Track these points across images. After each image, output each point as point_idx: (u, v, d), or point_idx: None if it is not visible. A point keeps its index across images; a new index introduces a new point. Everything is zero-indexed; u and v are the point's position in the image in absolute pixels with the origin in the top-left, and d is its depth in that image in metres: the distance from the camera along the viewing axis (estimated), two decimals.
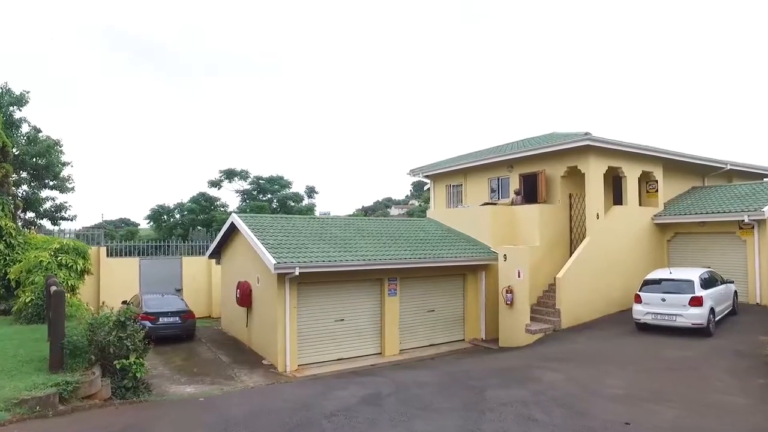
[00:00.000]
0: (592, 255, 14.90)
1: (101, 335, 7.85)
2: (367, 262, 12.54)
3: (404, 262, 13.33)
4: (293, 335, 12.00)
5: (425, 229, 16.95)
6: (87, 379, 7.45)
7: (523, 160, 17.06)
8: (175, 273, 20.02)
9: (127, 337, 7.88)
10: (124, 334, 7.91)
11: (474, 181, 19.61)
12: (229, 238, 16.29)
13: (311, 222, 15.42)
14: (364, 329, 13.40)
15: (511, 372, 10.07)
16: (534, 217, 15.58)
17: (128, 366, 7.86)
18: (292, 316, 11.97)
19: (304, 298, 12.39)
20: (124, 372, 7.95)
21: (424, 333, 14.53)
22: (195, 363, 12.27)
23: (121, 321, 8.03)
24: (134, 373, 7.90)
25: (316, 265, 11.77)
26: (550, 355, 11.53)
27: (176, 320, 14.73)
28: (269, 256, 11.45)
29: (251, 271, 13.88)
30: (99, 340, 7.81)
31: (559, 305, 14.13)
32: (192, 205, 28.37)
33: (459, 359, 12.88)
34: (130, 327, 8.08)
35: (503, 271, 14.27)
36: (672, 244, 17.39)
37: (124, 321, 8.03)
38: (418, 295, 14.48)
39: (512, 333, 13.86)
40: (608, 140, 14.92)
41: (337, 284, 12.95)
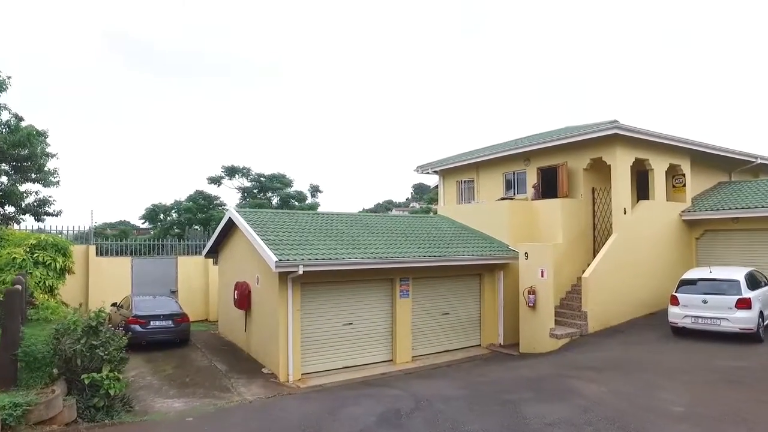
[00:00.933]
0: (619, 253, 13.75)
1: (67, 344, 6.60)
2: (377, 261, 11.39)
3: (418, 261, 12.18)
4: (296, 341, 10.84)
5: (437, 226, 15.80)
6: (43, 399, 6.09)
7: (541, 153, 15.92)
8: (170, 274, 18.86)
9: (99, 346, 6.64)
10: (97, 341, 6.67)
11: (487, 176, 18.46)
12: (226, 235, 15.15)
13: (315, 218, 14.28)
14: (373, 334, 12.24)
15: (543, 383, 8.90)
16: (556, 212, 14.43)
17: (99, 381, 6.59)
18: (295, 319, 10.82)
19: (308, 300, 11.24)
20: (95, 388, 6.66)
21: (438, 338, 13.36)
22: (187, 371, 11.10)
23: (92, 326, 6.75)
24: (107, 390, 6.62)
25: (321, 263, 10.62)
26: (581, 363, 10.37)
27: (169, 324, 13.56)
28: (270, 253, 10.30)
29: (250, 270, 12.73)
30: (64, 350, 6.54)
31: (586, 307, 12.97)
32: (189, 204, 27.18)
33: (479, 367, 11.71)
34: (104, 333, 6.83)
35: (524, 270, 13.12)
36: (701, 242, 16.23)
37: (96, 326, 6.76)
38: (432, 297, 13.32)
39: (535, 338, 12.69)
40: (637, 129, 13.77)
41: (345, 285, 11.79)
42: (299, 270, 10.20)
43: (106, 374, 6.53)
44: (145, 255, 18.93)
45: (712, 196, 16.86)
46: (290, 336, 10.69)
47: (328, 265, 10.75)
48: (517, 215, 14.88)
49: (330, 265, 10.77)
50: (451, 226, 15.94)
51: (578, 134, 14.27)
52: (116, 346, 6.89)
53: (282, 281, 10.69)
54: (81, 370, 6.53)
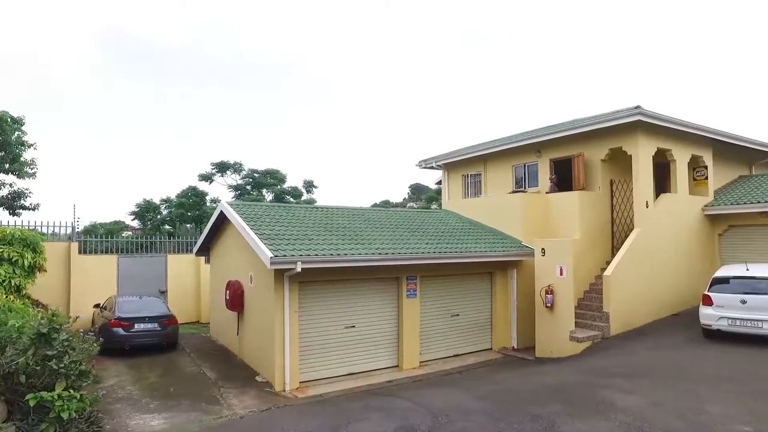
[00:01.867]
0: (642, 249, 12.77)
1: (9, 356, 5.44)
2: (384, 257, 10.36)
3: (428, 257, 11.15)
4: (294, 346, 9.80)
5: (444, 221, 14.79)
6: None
7: (555, 144, 14.93)
8: (159, 273, 17.77)
9: (53, 357, 5.51)
10: (52, 351, 5.55)
11: (495, 170, 17.46)
12: (218, 231, 14.10)
13: (314, 211, 13.24)
14: (378, 338, 11.21)
15: (572, 393, 7.88)
16: (573, 205, 13.44)
17: (50, 401, 5.32)
18: (292, 322, 9.78)
19: (306, 301, 10.20)
20: (44, 411, 5.38)
21: (448, 341, 12.34)
22: (173, 380, 10.04)
23: (42, 333, 5.59)
24: (58, 412, 5.31)
25: (322, 259, 9.58)
26: (609, 369, 9.37)
27: (155, 327, 12.50)
28: (264, 249, 9.26)
29: (243, 268, 11.69)
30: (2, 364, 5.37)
31: (608, 308, 11.98)
32: (181, 200, 26.04)
33: (493, 373, 10.69)
34: (61, 341, 5.67)
35: (541, 268, 12.11)
36: (724, 238, 15.28)
37: (48, 333, 5.60)
38: (441, 297, 12.30)
39: (553, 341, 11.69)
40: (661, 116, 12.79)
41: (347, 284, 10.76)
42: (297, 267, 9.16)
43: (58, 393, 5.35)
44: (133, 253, 17.85)
45: (734, 190, 15.92)
46: (287, 340, 9.66)
47: (329, 262, 9.72)
48: (530, 209, 13.89)
49: (331, 261, 9.73)
50: (458, 221, 14.94)
51: (597, 122, 13.28)
52: (75, 357, 5.73)
53: (278, 280, 9.66)
54: (26, 388, 5.38)
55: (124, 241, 18.33)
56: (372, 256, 10.18)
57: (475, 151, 17.76)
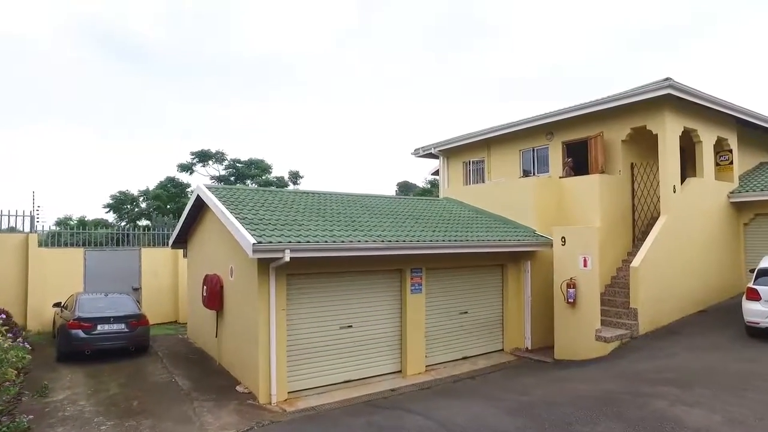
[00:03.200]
0: (669, 239, 11.50)
1: None
2: (386, 245, 8.90)
3: (437, 246, 9.73)
4: (281, 349, 8.31)
5: (448, 209, 13.39)
6: None
7: (569, 125, 13.59)
8: (132, 268, 16.13)
9: None
10: None
11: (501, 155, 16.10)
12: (195, 220, 12.53)
13: (305, 197, 11.74)
14: (378, 339, 9.76)
15: (621, 406, 6.51)
16: (593, 190, 12.11)
17: None
18: (279, 321, 8.29)
19: (296, 297, 8.72)
20: None
21: (455, 342, 10.95)
22: (138, 391, 8.48)
23: None
24: None
25: (314, 247, 8.09)
26: (651, 375, 8.04)
27: (122, 328, 10.90)
28: (246, 235, 7.75)
29: (223, 260, 10.16)
30: None
31: (635, 304, 10.68)
32: (159, 192, 24.26)
33: (511, 379, 9.31)
34: None
35: (561, 259, 10.77)
36: (749, 228, 14.11)
37: None
38: (448, 293, 10.89)
39: (575, 341, 10.36)
40: (692, 90, 11.50)
41: (343, 278, 9.29)
42: (285, 256, 7.65)
43: None
44: (103, 246, 16.17)
45: (759, 176, 14.75)
46: (273, 343, 8.16)
47: (323, 251, 8.23)
48: (544, 195, 12.53)
49: (325, 250, 8.24)
50: (463, 210, 13.55)
51: (620, 98, 11.94)
52: None
53: (262, 272, 8.15)
54: None
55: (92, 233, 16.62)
56: (373, 244, 8.71)
57: (478, 135, 16.37)
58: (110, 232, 16.84)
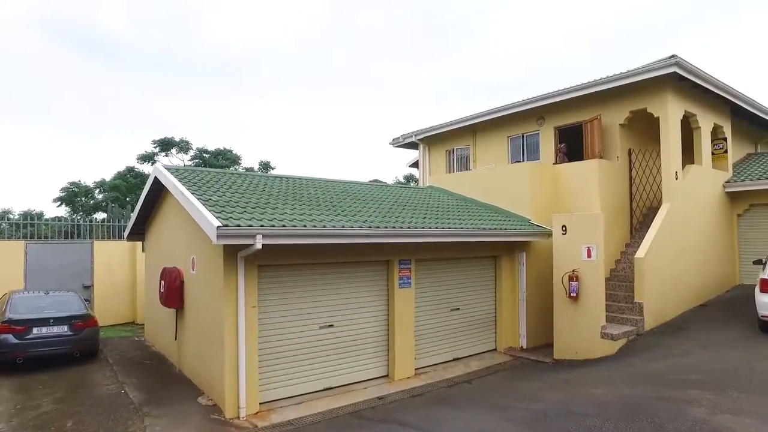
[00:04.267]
0: (672, 228, 10.78)
1: None
2: (375, 232, 7.74)
3: (431, 234, 8.63)
4: (251, 353, 7.07)
5: (435, 197, 12.35)
6: None
7: (562, 108, 12.76)
8: (83, 263, 14.48)
9: None
10: None
11: (487, 142, 15.19)
12: (154, 207, 11.10)
13: (279, 181, 10.48)
14: (363, 340, 8.63)
15: (651, 413, 5.58)
16: (591, 177, 11.28)
17: None
18: (249, 320, 7.05)
19: (269, 292, 7.49)
20: None
21: (447, 342, 9.92)
22: (76, 407, 7.08)
23: None
24: None
25: (292, 232, 6.86)
26: (671, 376, 7.19)
27: (64, 331, 9.40)
28: (209, 217, 6.47)
29: (184, 251, 8.82)
30: None
31: (640, 298, 9.88)
32: (117, 182, 22.34)
33: (512, 382, 8.33)
34: None
35: (561, 249, 9.86)
36: (743, 219, 13.63)
37: None
38: (438, 287, 9.85)
39: (578, 339, 9.47)
40: (698, 70, 10.79)
41: (323, 270, 8.11)
42: (256, 243, 6.41)
43: None
44: (49, 239, 14.46)
45: (750, 166, 14.30)
46: (242, 346, 6.92)
47: (303, 236, 7.01)
48: (539, 182, 11.63)
49: (305, 236, 7.03)
50: (449, 198, 12.53)
51: (620, 78, 11.14)
52: None
53: (229, 263, 6.90)
54: None
55: (37, 223, 14.86)
56: (360, 230, 7.55)
57: (463, 121, 15.41)
58: (58, 223, 15.09)
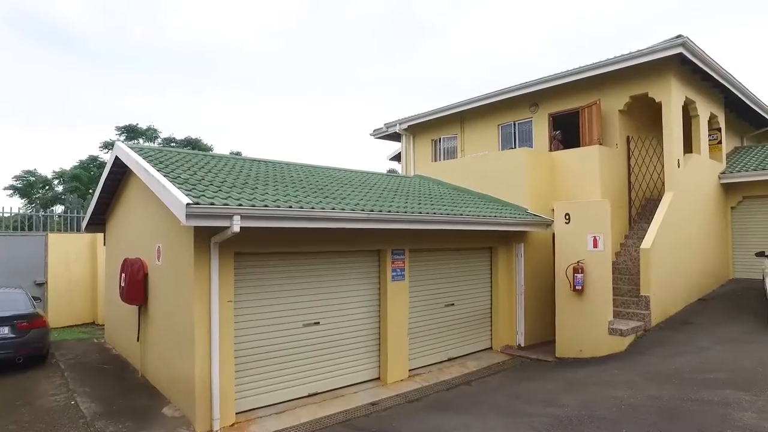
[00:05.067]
0: (673, 219, 10.25)
1: None
2: (367, 216, 6.83)
3: (429, 220, 7.76)
4: (226, 355, 6.09)
5: (424, 186, 11.53)
6: None
7: (557, 93, 12.14)
8: (35, 257, 13.10)
9: None
10: None
11: (476, 131, 14.48)
12: (115, 193, 9.94)
13: (258, 164, 9.48)
14: (353, 339, 7.73)
15: (691, 418, 4.89)
16: (592, 164, 10.66)
17: None
18: (224, 317, 6.07)
19: (247, 285, 6.52)
20: None
21: (441, 341, 9.12)
22: (9, 425, 5.96)
23: None
24: None
25: (276, 213, 5.88)
26: (692, 373, 6.55)
27: (4, 333, 8.18)
28: (176, 193, 5.46)
29: (148, 239, 7.74)
30: None
31: (647, 291, 9.28)
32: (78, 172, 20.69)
33: (518, 384, 7.57)
34: None
35: (564, 240, 9.18)
36: (737, 212, 13.29)
37: None
38: (433, 281, 9.04)
39: (583, 336, 8.80)
40: (703, 53, 10.27)
41: (308, 260, 7.19)
42: (233, 225, 5.43)
43: None
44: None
45: (740, 159, 14.01)
46: (215, 347, 5.93)
47: (288, 219, 6.05)
48: (536, 170, 10.95)
49: (291, 218, 6.07)
50: (441, 187, 11.73)
51: (623, 60, 10.55)
52: None
53: (201, 250, 5.90)
54: None
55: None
56: (352, 213, 6.64)
57: (450, 108, 14.68)
58: (6, 215, 13.64)
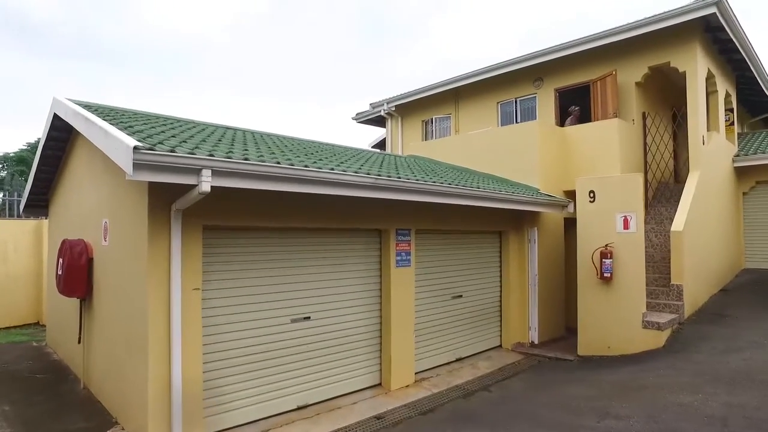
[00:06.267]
0: (700, 201, 9.26)
1: None
2: (374, 182, 5.42)
3: (444, 191, 6.42)
4: (192, 361, 4.62)
5: (421, 164, 10.18)
6: None
7: (565, 65, 11.04)
8: None
9: None
10: None
11: (473, 109, 13.28)
12: (60, 166, 8.26)
13: (233, 131, 7.97)
14: (350, 337, 6.35)
15: None
16: (611, 140, 9.55)
17: None
18: (189, 311, 4.60)
19: (220, 269, 5.06)
20: None
21: (449, 338, 7.84)
22: None
23: None
24: None
25: (258, 170, 4.38)
26: (759, 374, 5.44)
27: None
28: (121, 136, 3.96)
29: (94, 213, 6.17)
30: None
31: (678, 279, 8.20)
32: (25, 154, 18.50)
33: (546, 388, 6.34)
34: None
35: (588, 220, 8.02)
36: (749, 198, 12.51)
37: None
38: (439, 268, 7.74)
39: (612, 330, 7.64)
40: (735, 20, 9.28)
41: (297, 238, 5.77)
42: (202, 181, 3.95)
43: None
44: None
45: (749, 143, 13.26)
46: (176, 349, 4.46)
47: (274, 179, 4.55)
48: (548, 146, 9.78)
49: (277, 178, 4.58)
50: (439, 166, 10.38)
51: (643, 25, 9.47)
52: None
53: (157, 220, 4.42)
54: None
55: None
56: (356, 177, 5.22)
57: (444, 84, 13.45)
58: None
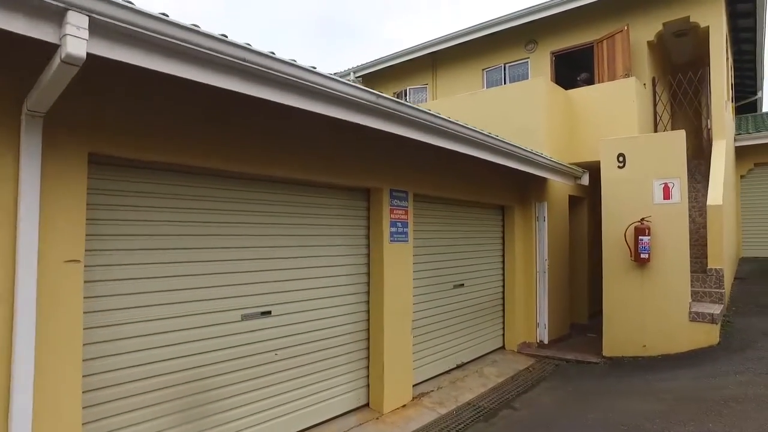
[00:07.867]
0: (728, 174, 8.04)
1: None
2: (375, 102, 3.49)
3: (457, 134, 4.63)
4: (60, 383, 2.57)
5: None
6: None
7: (563, 24, 9.61)
8: None
9: None
10: None
11: (453, 78, 11.63)
12: None
13: None
14: (326, 341, 4.42)
15: None
16: (627, 102, 8.07)
17: None
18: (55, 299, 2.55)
19: (117, 232, 3.01)
20: None
21: (450, 339, 6.06)
22: None
23: None
24: None
25: (183, 36, 2.41)
26: None
27: None
28: None
29: None
30: None
31: (718, 263, 6.83)
32: None
33: (586, 401, 4.68)
34: None
35: (616, 190, 6.49)
36: (745, 181, 11.62)
37: None
38: (438, 248, 5.95)
39: (649, 325, 6.13)
40: None
41: (249, 192, 3.80)
42: (66, 38, 1.96)
43: None
44: None
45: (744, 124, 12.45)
46: (23, 363, 2.40)
47: (204, 61, 2.60)
48: (555, 109, 8.23)
49: (212, 57, 2.62)
50: None
51: None
52: None
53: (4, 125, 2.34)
54: None
55: None
56: (351, 90, 3.29)
57: (419, 49, 11.76)
58: None
